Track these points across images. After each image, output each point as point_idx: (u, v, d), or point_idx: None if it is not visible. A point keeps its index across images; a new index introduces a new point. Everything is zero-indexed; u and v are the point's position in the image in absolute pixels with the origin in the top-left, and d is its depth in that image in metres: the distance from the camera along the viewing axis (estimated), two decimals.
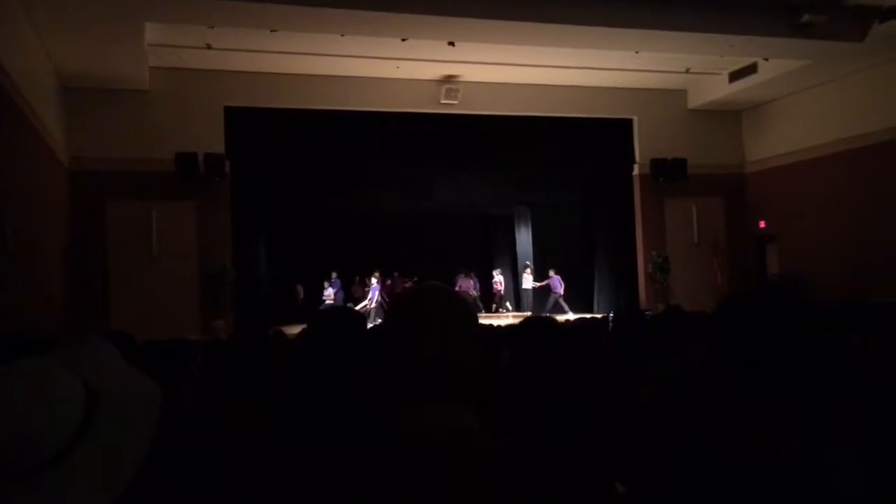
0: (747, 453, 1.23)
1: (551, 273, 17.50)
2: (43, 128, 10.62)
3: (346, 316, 2.58)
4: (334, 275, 17.37)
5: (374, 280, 16.91)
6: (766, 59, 13.69)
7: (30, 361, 1.17)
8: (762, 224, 16.46)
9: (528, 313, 15.51)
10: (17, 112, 9.13)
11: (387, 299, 16.14)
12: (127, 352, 3.18)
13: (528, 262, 18.96)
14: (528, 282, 18.31)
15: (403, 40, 11.93)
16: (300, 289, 17.38)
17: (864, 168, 13.71)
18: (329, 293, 17.02)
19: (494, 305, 18.92)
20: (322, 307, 15.06)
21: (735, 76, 14.95)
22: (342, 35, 11.60)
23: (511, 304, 19.24)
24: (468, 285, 17.92)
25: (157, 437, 1.24)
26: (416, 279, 16.43)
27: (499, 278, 18.90)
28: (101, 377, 1.25)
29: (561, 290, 17.24)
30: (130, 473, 1.18)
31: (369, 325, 2.70)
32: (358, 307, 16.29)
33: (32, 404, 1.11)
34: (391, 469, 1.17)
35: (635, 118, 16.39)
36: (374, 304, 16.32)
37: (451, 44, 12.22)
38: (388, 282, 17.48)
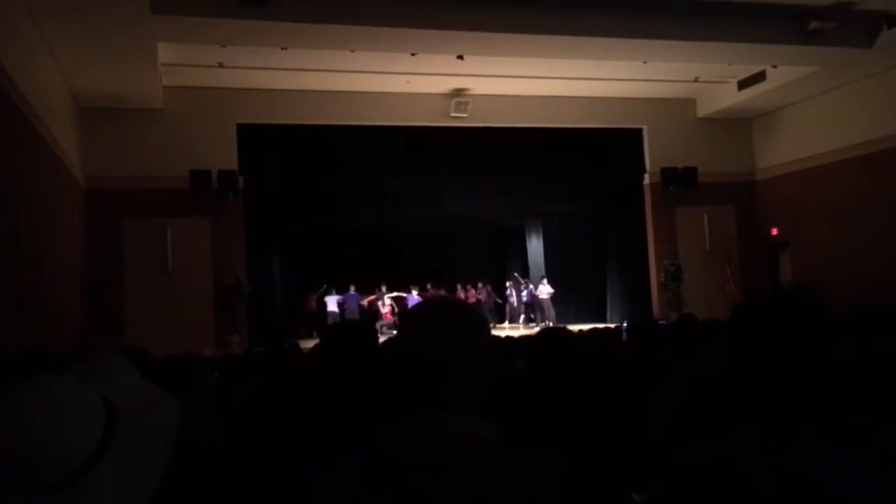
0: (767, 457, 1.23)
1: (544, 282, 17.45)
2: (59, 147, 10.75)
3: (357, 329, 2.59)
4: (352, 288, 17.25)
5: (414, 292, 16.95)
6: (775, 67, 13.66)
7: (50, 378, 1.19)
8: (774, 231, 16.37)
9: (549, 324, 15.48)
10: (33, 132, 9.25)
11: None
12: (143, 367, 3.21)
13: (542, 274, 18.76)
14: (545, 292, 17.93)
15: (413, 55, 12.00)
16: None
17: (876, 173, 13.64)
18: (331, 300, 16.76)
19: None
20: (335, 320, 15.06)
21: (744, 84, 14.93)
22: (352, 51, 11.70)
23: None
24: (482, 296, 17.88)
25: (175, 452, 1.26)
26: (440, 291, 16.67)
27: (472, 291, 18.44)
28: (120, 394, 1.27)
29: (548, 299, 17.10)
30: (151, 488, 1.20)
31: None
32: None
33: (54, 421, 1.13)
34: (409, 479, 1.18)
35: (645, 128, 16.39)
36: None
37: (461, 57, 12.28)
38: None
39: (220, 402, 3.46)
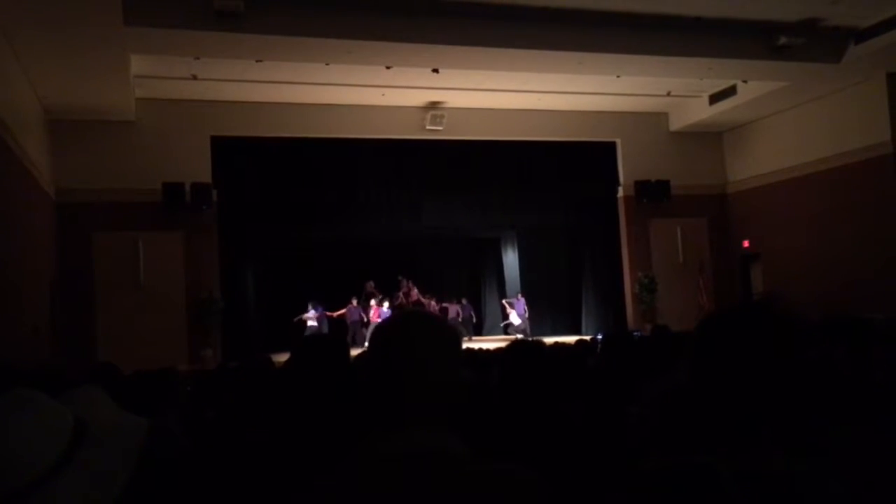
0: (738, 469, 1.24)
1: (519, 296, 17.48)
2: (28, 160, 10.59)
3: (328, 342, 2.58)
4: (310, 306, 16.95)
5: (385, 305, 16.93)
6: (745, 82, 13.90)
7: (18, 390, 1.18)
8: (746, 243, 16.60)
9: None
10: (2, 144, 9.11)
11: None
12: (112, 383, 3.17)
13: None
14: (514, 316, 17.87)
15: (388, 68, 12.04)
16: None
17: (844, 185, 13.90)
18: (311, 314, 16.58)
19: None
20: (306, 334, 14.90)
21: (715, 98, 15.17)
22: (327, 64, 11.71)
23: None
24: (454, 311, 17.83)
25: (143, 467, 1.24)
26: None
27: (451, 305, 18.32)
28: (89, 410, 1.26)
29: (523, 312, 17.13)
30: (114, 501, 1.19)
31: None
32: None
33: (20, 428, 1.12)
34: (383, 493, 1.18)
35: (618, 141, 16.56)
36: None
37: (436, 71, 12.35)
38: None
39: (193, 417, 3.42)
